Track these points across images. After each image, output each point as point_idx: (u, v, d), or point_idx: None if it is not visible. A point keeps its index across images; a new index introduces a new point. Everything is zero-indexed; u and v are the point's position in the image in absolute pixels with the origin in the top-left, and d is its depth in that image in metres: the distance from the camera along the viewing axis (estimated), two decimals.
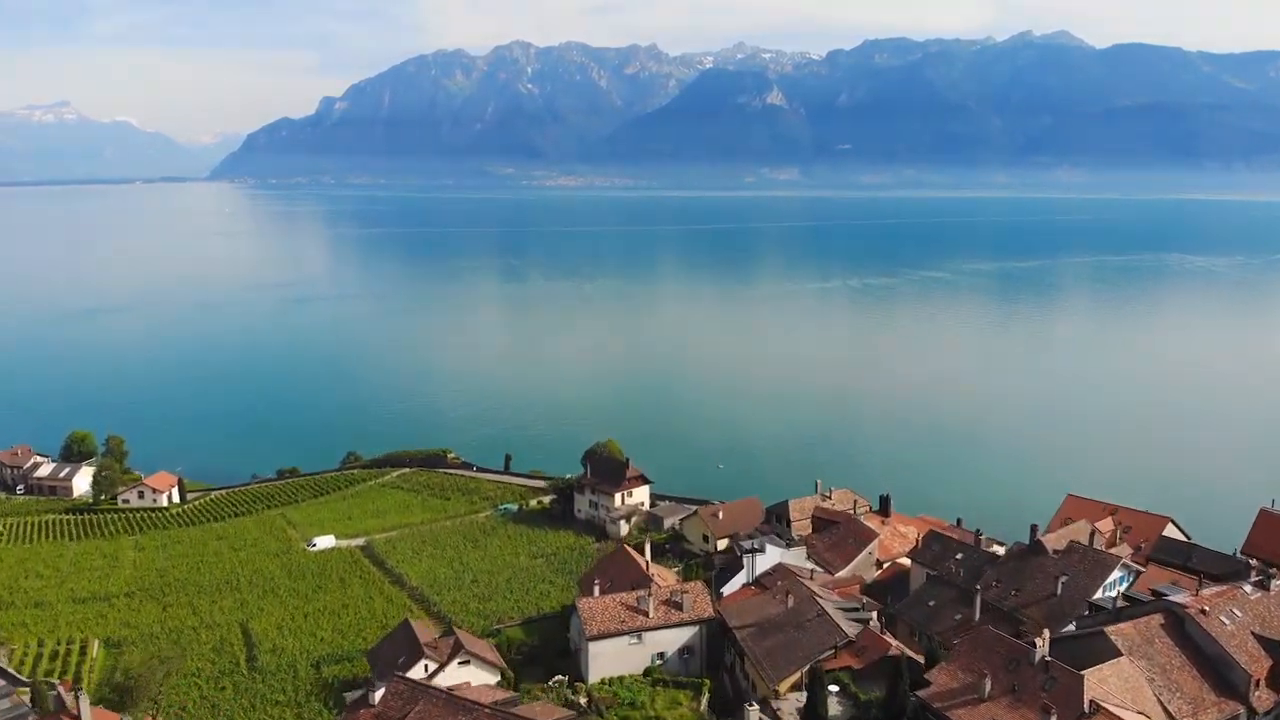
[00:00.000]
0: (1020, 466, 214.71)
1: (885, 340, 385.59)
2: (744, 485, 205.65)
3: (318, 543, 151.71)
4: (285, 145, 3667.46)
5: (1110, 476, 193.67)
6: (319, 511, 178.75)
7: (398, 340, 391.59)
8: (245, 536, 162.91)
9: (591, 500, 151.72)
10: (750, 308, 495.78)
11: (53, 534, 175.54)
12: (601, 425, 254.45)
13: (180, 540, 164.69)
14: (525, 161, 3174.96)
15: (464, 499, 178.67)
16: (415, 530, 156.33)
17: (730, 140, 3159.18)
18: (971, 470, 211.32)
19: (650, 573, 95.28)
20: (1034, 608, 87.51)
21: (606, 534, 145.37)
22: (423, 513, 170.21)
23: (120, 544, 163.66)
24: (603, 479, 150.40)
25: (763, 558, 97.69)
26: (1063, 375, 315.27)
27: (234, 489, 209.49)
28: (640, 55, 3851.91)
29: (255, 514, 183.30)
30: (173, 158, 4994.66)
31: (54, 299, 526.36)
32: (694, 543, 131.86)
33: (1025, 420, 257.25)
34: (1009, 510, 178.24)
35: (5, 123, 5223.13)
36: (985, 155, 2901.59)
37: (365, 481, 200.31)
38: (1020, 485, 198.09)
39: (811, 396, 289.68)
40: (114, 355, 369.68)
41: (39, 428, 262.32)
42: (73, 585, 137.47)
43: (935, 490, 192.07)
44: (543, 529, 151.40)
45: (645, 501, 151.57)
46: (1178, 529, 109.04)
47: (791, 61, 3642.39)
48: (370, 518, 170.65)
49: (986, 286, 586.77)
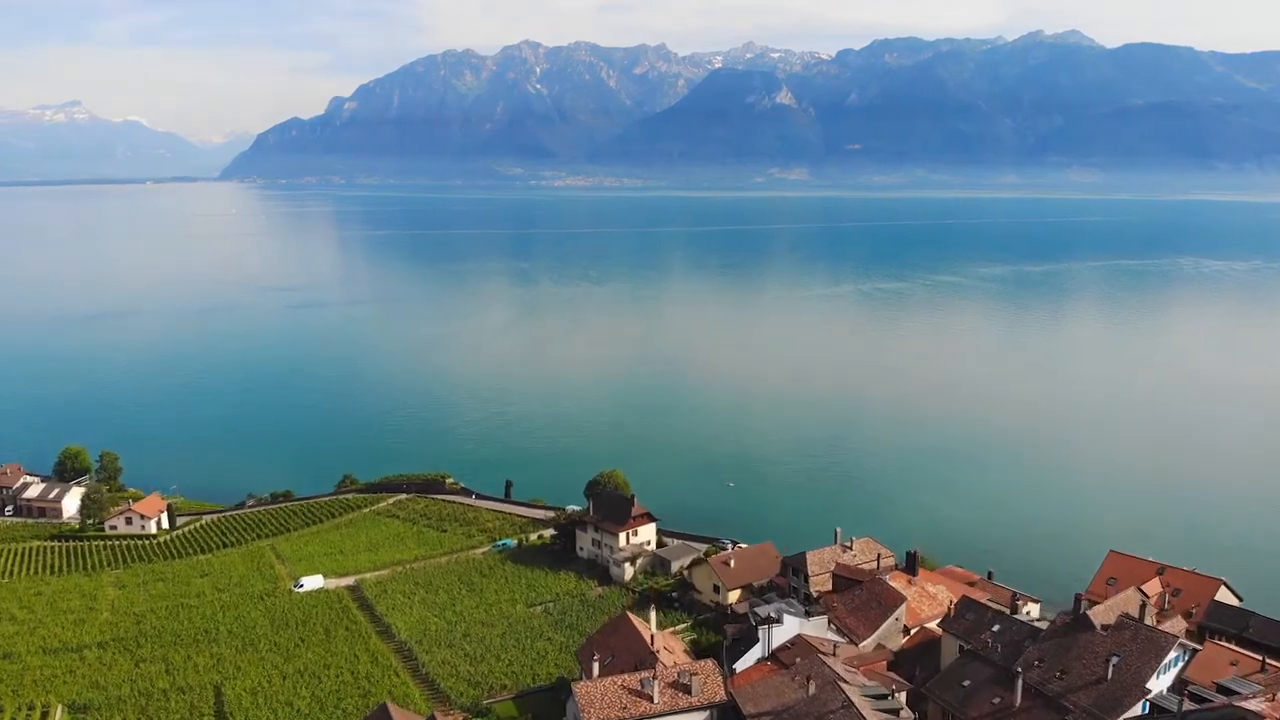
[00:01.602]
0: (1052, 504, 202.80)
1: (900, 355, 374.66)
2: (754, 511, 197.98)
3: (305, 583, 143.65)
4: (295, 145, 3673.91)
5: (1153, 521, 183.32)
6: (310, 544, 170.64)
7: (399, 352, 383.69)
8: (231, 573, 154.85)
9: (595, 539, 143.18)
10: (759, 316, 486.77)
11: (34, 565, 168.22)
12: (606, 445, 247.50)
13: (164, 576, 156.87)
14: (534, 161, 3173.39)
15: (461, 531, 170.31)
16: (408, 570, 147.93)
17: (739, 140, 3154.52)
18: (1000, 509, 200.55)
19: (655, 647, 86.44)
20: (1082, 693, 78.54)
21: (610, 577, 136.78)
22: (417, 547, 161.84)
23: (101, 581, 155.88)
24: (607, 516, 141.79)
25: (780, 629, 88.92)
26: (1092, 398, 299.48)
27: (225, 513, 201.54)
28: (649, 55, 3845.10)
29: (245, 544, 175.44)
30: (184, 157, 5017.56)
31: (54, 304, 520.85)
32: (703, 592, 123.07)
33: (1055, 452, 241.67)
34: (1043, 558, 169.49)
35: (16, 122, 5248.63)
36: (996, 155, 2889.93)
37: (360, 509, 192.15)
38: (1054, 525, 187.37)
39: (825, 416, 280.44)
40: (111, 365, 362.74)
41: (33, 442, 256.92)
42: (45, 633, 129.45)
43: (962, 531, 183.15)
44: (542, 569, 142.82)
45: (651, 540, 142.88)
46: (1231, 592, 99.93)
47: (801, 61, 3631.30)
48: (363, 552, 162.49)
49: (1001, 292, 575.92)
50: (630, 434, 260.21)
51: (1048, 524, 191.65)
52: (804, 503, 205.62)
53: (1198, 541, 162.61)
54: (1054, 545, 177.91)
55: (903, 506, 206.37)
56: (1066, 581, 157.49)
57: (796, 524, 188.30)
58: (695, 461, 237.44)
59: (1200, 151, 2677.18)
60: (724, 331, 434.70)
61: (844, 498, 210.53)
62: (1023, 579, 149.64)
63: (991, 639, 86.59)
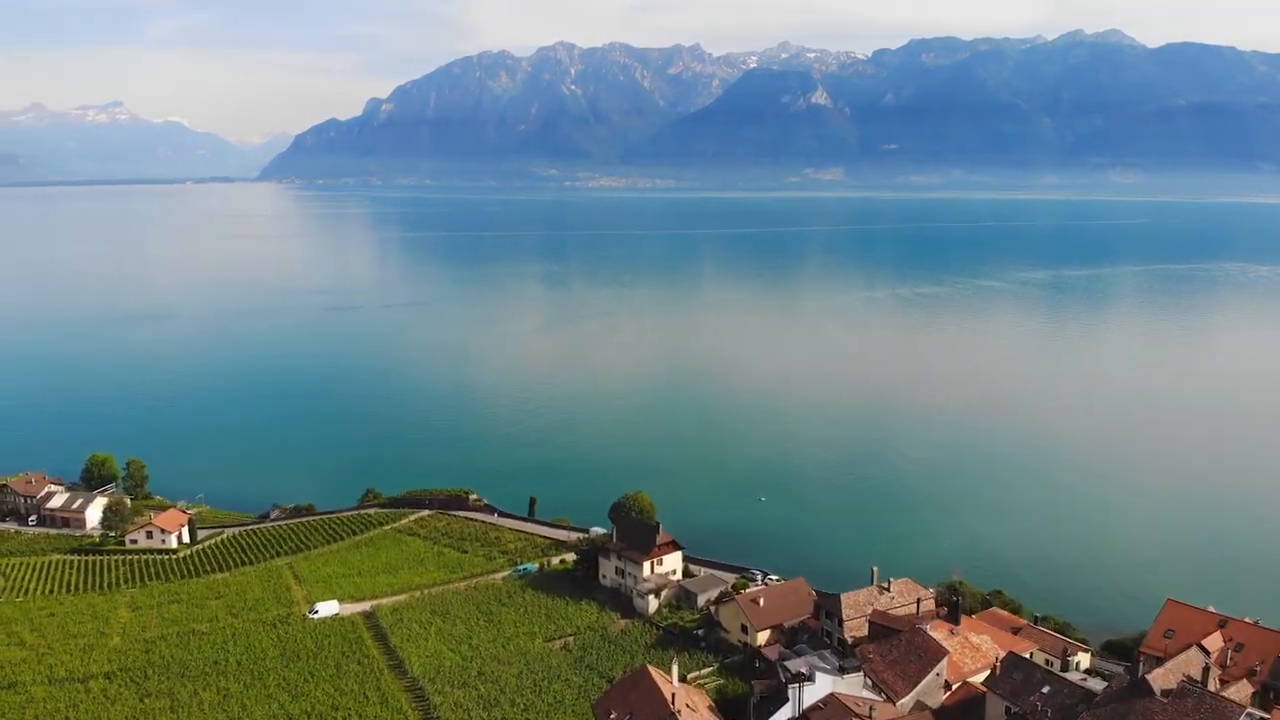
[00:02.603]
0: (1102, 533, 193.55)
1: (939, 365, 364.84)
2: (786, 533, 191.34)
3: (320, 609, 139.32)
4: (333, 146, 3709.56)
5: (1211, 559, 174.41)
6: (329, 563, 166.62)
7: (428, 358, 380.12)
8: (247, 595, 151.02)
9: (618, 567, 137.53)
10: (793, 322, 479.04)
11: (51, 582, 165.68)
12: (634, 457, 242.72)
13: (179, 596, 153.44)
14: (568, 162, 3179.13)
15: (482, 552, 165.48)
16: (425, 596, 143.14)
17: (774, 140, 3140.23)
18: (1048, 537, 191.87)
19: (676, 707, 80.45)
20: None
21: (634, 609, 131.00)
22: (436, 570, 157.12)
23: (116, 601, 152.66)
24: (630, 544, 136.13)
25: (812, 688, 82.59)
26: (1142, 415, 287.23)
27: (247, 527, 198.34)
28: (684, 55, 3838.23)
29: (263, 562, 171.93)
30: (224, 158, 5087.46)
31: (88, 305, 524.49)
32: (731, 632, 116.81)
33: (1104, 474, 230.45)
34: (1094, 595, 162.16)
35: (61, 122, 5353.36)
36: (1035, 156, 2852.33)
37: (382, 525, 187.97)
38: (1104, 557, 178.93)
39: (860, 429, 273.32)
40: (142, 368, 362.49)
41: (60, 448, 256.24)
42: (52, 660, 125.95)
43: (1006, 558, 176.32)
44: (563, 598, 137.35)
45: (677, 569, 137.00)
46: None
47: (837, 61, 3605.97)
48: (381, 574, 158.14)
49: (1042, 298, 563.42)
50: (658, 446, 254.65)
51: (1098, 555, 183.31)
52: (838, 523, 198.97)
53: (1262, 589, 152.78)
54: (1105, 580, 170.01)
55: (943, 528, 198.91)
56: (1117, 621, 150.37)
57: (830, 547, 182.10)
58: (725, 476, 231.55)
59: (1244, 153, 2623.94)
60: (756, 339, 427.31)
61: (881, 518, 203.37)
62: (1071, 615, 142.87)
63: (1041, 702, 79.89)
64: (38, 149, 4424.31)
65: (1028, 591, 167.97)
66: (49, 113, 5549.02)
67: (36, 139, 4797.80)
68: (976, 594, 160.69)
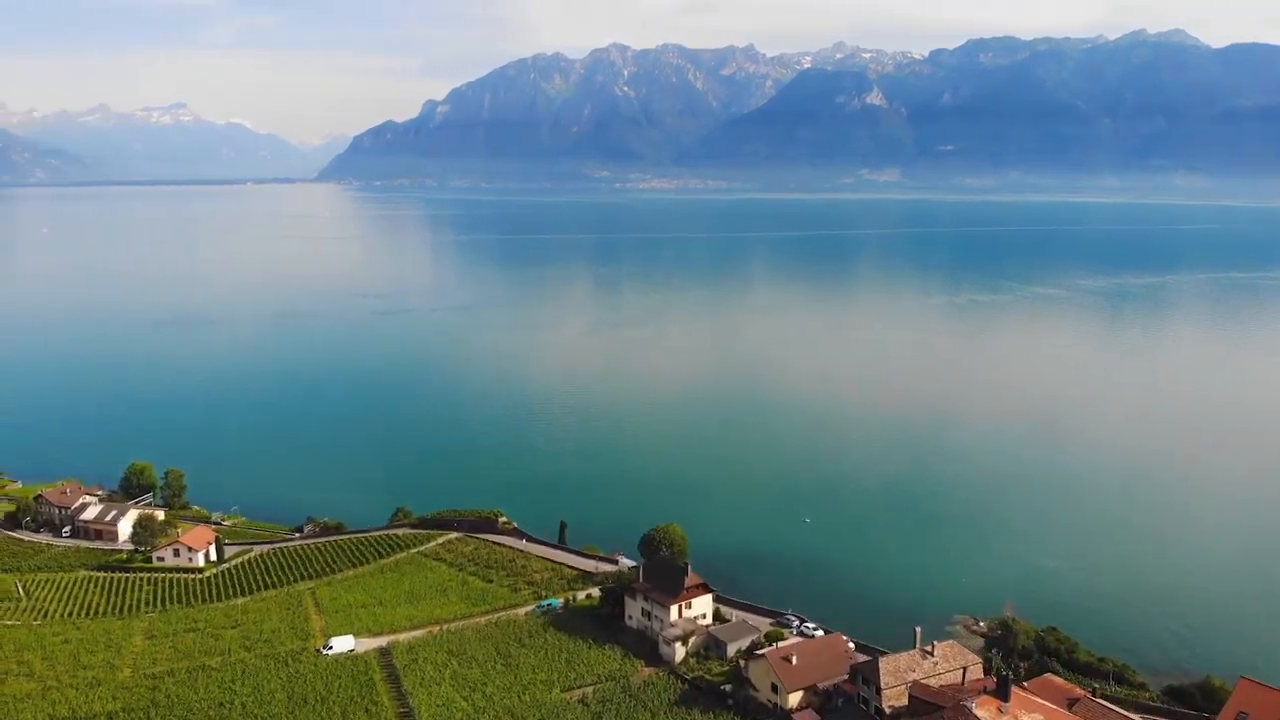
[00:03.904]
0: (1168, 575, 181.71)
1: (997, 381, 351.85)
2: (826, 568, 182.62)
3: (335, 645, 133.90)
4: (389, 147, 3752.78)
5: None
6: (351, 590, 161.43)
7: (468, 366, 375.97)
8: (263, 625, 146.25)
9: (644, 609, 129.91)
10: (846, 332, 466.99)
11: (72, 603, 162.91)
12: (672, 475, 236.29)
13: (196, 624, 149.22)
14: (621, 164, 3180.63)
15: (507, 582, 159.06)
16: (444, 632, 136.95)
17: (828, 141, 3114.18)
18: (1106, 577, 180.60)
19: None
20: None
21: (659, 655, 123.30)
22: (459, 602, 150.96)
23: (133, 627, 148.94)
24: (657, 585, 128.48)
25: None
26: (1211, 438, 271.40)
27: (276, 544, 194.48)
28: (737, 56, 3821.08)
29: (287, 586, 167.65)
30: (284, 159, 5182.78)
31: (139, 307, 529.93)
32: (761, 690, 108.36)
33: (1173, 507, 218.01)
34: (1157, 650, 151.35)
35: (126, 123, 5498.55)
36: (1096, 158, 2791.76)
37: (409, 548, 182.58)
38: (1169, 604, 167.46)
39: (911, 448, 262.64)
40: (186, 374, 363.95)
41: (102, 454, 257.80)
42: (57, 697, 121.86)
43: (1059, 599, 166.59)
44: (586, 640, 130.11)
45: (707, 613, 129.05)
46: None
47: (893, 61, 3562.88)
48: (402, 604, 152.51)
49: (1104, 307, 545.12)
50: (700, 461, 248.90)
51: (1161, 588, 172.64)
52: (885, 548, 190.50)
53: None
54: (1168, 615, 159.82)
55: (995, 554, 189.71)
56: (1181, 661, 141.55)
57: (875, 576, 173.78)
58: (769, 494, 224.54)
59: None
60: (805, 348, 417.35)
61: (930, 542, 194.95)
62: (1131, 654, 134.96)
63: None
64: (104, 149, 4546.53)
65: (1084, 626, 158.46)
66: (114, 114, 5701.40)
67: (102, 140, 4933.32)
68: (1029, 630, 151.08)
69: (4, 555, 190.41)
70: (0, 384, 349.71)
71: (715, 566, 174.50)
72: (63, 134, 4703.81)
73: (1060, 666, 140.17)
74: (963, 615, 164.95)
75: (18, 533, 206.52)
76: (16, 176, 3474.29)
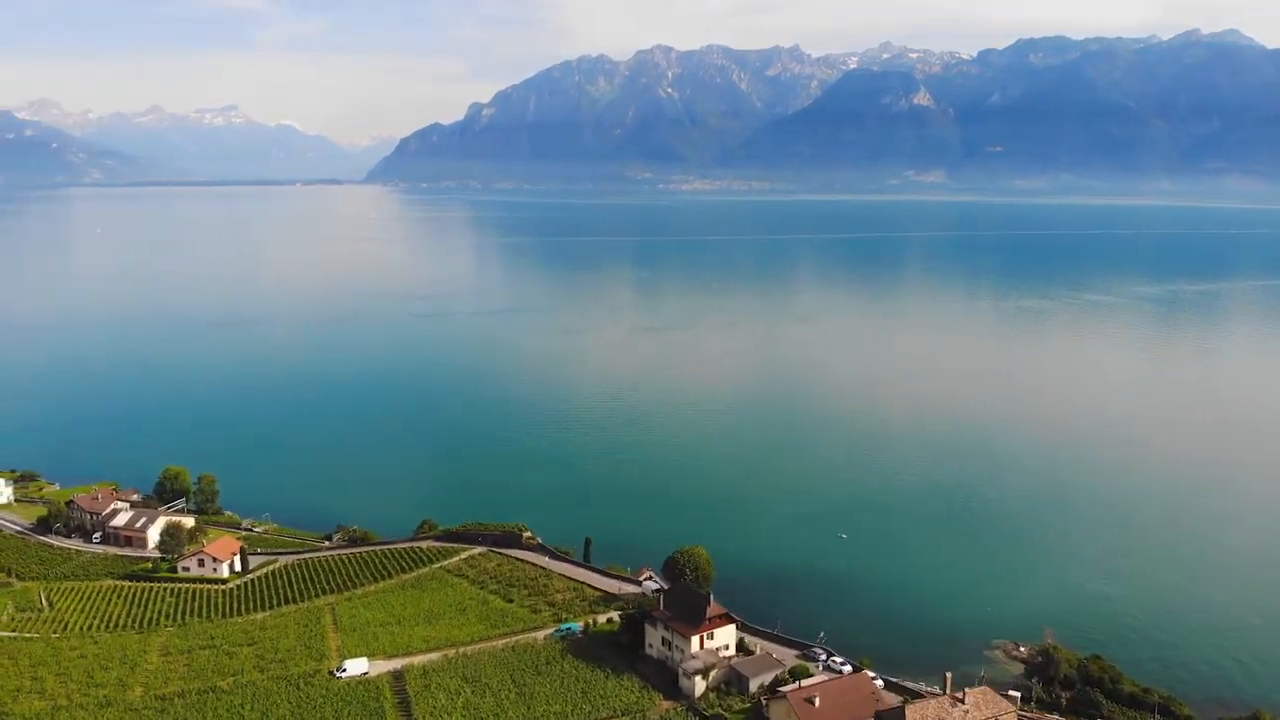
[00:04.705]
0: (1219, 587, 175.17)
1: (1042, 390, 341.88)
2: (863, 578, 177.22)
3: (348, 667, 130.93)
4: (435, 150, 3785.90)
5: None
6: (370, 607, 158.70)
7: (501, 372, 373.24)
8: (280, 643, 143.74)
9: (664, 638, 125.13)
10: (888, 339, 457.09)
11: (93, 615, 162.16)
12: (704, 487, 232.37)
13: (213, 640, 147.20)
14: (663, 165, 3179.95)
15: (528, 602, 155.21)
16: (460, 656, 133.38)
17: (874, 142, 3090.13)
18: (1155, 593, 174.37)
19: None
20: None
21: (678, 689, 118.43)
22: (478, 623, 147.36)
23: (150, 643, 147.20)
24: (678, 614, 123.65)
25: None
26: (1269, 455, 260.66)
27: (301, 556, 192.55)
28: (782, 57, 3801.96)
29: (307, 600, 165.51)
30: (333, 160, 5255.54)
31: (181, 311, 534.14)
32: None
33: (1227, 521, 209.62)
34: (1205, 659, 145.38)
35: (180, 125, 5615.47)
36: (1148, 160, 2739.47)
37: (431, 563, 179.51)
38: (1218, 612, 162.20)
39: (954, 464, 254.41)
40: (222, 376, 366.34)
41: (138, 457, 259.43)
42: (66, 717, 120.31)
43: (1106, 616, 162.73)
44: (604, 669, 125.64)
45: (730, 644, 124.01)
46: None
47: (940, 61, 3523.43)
48: (420, 623, 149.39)
49: (1156, 316, 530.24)
50: (731, 477, 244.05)
51: (1211, 612, 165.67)
52: (920, 566, 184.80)
53: None
54: (1220, 640, 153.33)
55: (1037, 574, 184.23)
56: (1230, 691, 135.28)
57: (909, 600, 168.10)
58: (803, 507, 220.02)
59: None
60: (844, 354, 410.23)
61: (968, 561, 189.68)
62: (1177, 684, 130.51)
63: None
64: (157, 150, 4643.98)
65: (1129, 653, 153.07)
66: (168, 115, 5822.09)
67: (156, 140, 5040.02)
68: (1072, 658, 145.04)
69: (32, 562, 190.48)
70: (42, 385, 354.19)
71: (744, 586, 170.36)
72: (118, 135, 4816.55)
73: (1103, 698, 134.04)
74: (1001, 640, 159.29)
75: (49, 537, 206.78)
76: (72, 176, 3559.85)
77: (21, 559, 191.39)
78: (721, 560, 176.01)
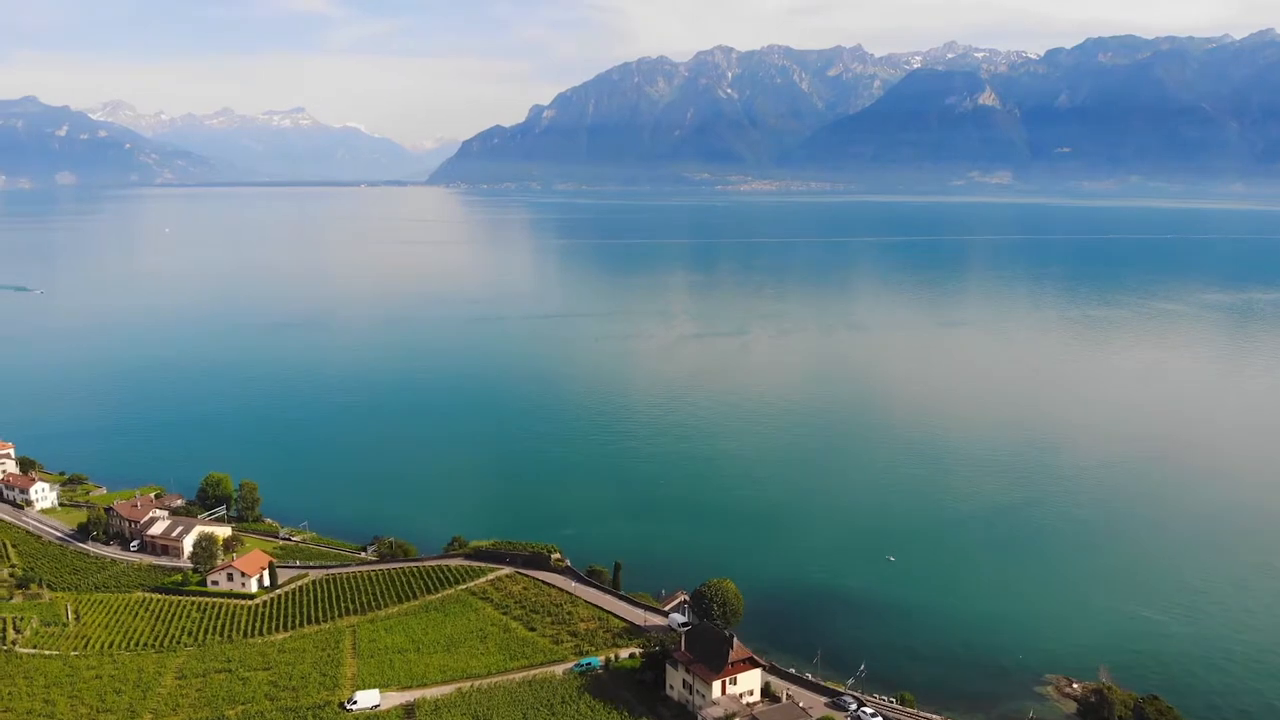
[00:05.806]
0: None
1: (1108, 406, 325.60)
2: (908, 604, 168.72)
3: (360, 700, 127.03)
4: (497, 152, 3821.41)
5: None
6: (392, 631, 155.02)
7: (547, 380, 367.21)
8: (295, 669, 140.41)
9: (685, 680, 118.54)
10: (946, 348, 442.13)
11: (118, 631, 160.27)
12: (747, 505, 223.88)
13: (229, 662, 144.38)
14: (722, 166, 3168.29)
15: (550, 631, 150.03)
16: (475, 690, 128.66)
17: (937, 143, 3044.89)
18: (1219, 630, 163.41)
19: None
20: None
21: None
22: (497, 653, 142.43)
23: (166, 665, 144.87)
24: (700, 656, 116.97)
25: None
26: None
27: (330, 571, 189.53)
28: (844, 57, 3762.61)
29: (329, 622, 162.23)
30: (397, 162, 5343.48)
31: (241, 313, 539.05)
32: None
33: None
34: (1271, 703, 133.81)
35: (248, 126, 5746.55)
36: (1221, 162, 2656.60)
37: (458, 583, 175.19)
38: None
39: (1010, 482, 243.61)
40: (271, 382, 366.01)
41: (183, 461, 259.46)
42: None
43: (1165, 655, 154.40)
44: (622, 711, 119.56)
45: (755, 690, 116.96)
46: None
47: (1006, 61, 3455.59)
48: (439, 651, 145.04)
49: (1227, 326, 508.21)
50: (775, 495, 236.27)
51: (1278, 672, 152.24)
52: (968, 595, 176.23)
53: None
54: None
55: (1094, 606, 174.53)
56: None
57: (956, 639, 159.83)
58: (852, 528, 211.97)
59: None
60: (900, 365, 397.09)
61: (1021, 591, 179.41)
62: None
63: None
64: (227, 151, 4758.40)
65: (1189, 695, 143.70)
66: (237, 116, 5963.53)
67: (226, 141, 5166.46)
68: (1127, 700, 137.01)
69: (66, 572, 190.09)
70: (97, 387, 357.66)
71: (782, 610, 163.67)
72: (189, 136, 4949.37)
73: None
74: (1054, 675, 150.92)
75: (87, 545, 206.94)
76: (145, 177, 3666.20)
77: (56, 569, 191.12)
78: (761, 582, 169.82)
